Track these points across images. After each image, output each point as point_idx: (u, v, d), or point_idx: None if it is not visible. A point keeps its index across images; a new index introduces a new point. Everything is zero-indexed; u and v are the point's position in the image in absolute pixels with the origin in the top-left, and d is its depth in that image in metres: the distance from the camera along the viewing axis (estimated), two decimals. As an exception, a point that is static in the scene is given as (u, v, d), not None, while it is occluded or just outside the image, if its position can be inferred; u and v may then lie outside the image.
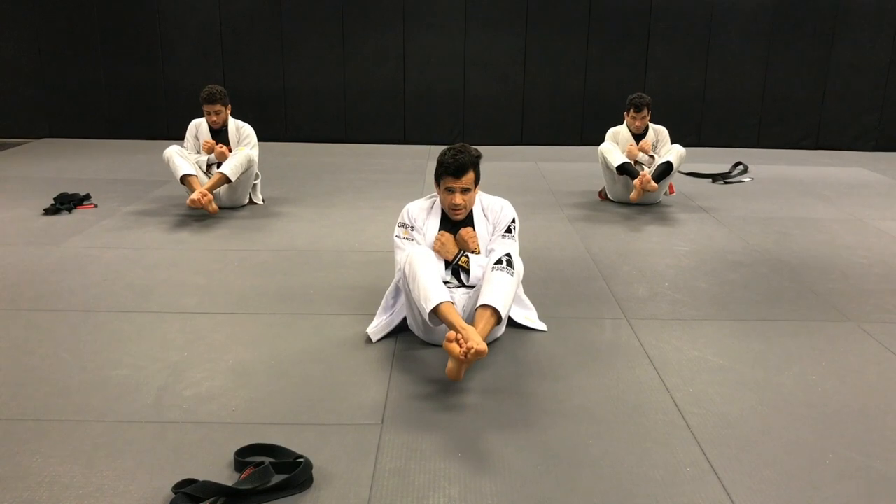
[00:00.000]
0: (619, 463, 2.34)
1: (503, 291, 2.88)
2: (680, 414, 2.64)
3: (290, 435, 2.45)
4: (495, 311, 2.84)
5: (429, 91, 8.80)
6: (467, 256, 3.19)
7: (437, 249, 3.20)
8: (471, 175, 3.14)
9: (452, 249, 3.21)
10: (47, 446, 2.37)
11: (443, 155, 3.15)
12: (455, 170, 3.11)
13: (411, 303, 3.03)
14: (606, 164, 5.67)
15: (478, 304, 2.87)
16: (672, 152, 5.60)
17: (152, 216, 5.25)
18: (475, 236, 3.24)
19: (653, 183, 5.39)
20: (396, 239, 3.27)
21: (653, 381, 2.89)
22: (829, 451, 2.43)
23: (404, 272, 3.01)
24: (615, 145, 5.73)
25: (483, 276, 3.01)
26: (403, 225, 3.29)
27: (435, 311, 2.83)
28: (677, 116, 8.17)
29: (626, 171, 5.56)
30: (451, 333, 2.66)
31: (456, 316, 2.80)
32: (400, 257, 3.20)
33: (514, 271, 2.96)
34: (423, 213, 3.33)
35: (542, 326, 3.36)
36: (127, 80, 8.69)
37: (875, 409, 2.72)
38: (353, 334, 3.27)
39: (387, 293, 3.32)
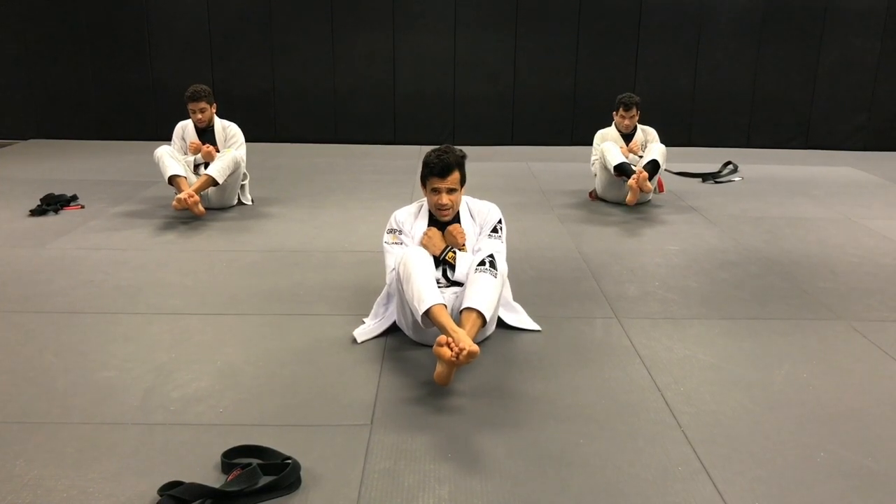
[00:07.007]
0: (610, 462, 2.33)
1: (487, 293, 2.88)
2: (671, 413, 2.63)
3: (278, 436, 2.43)
4: (480, 314, 2.83)
5: (419, 91, 8.78)
6: (454, 252, 3.19)
7: (425, 244, 3.20)
8: (456, 175, 3.15)
9: (440, 244, 3.21)
10: (32, 448, 2.34)
11: (428, 156, 3.17)
12: (440, 170, 3.11)
13: (404, 302, 3.02)
14: (604, 163, 5.63)
15: (462, 307, 2.87)
16: (654, 150, 5.60)
17: (140, 217, 5.21)
18: (463, 232, 3.24)
19: (648, 183, 5.38)
20: (385, 245, 3.28)
21: (644, 381, 2.88)
22: (821, 449, 2.43)
23: (398, 272, 3.01)
24: (614, 144, 5.70)
25: (467, 277, 3.00)
26: (392, 231, 3.31)
27: (427, 314, 2.82)
28: (667, 116, 8.19)
29: (624, 170, 5.53)
30: (442, 338, 2.65)
31: (447, 319, 2.79)
32: (390, 261, 3.21)
33: (498, 272, 2.96)
34: (411, 217, 3.34)
35: (535, 327, 3.35)
36: (115, 80, 8.63)
37: (866, 407, 2.72)
38: (343, 335, 3.24)
39: (378, 300, 3.33)
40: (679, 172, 6.95)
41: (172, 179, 5.15)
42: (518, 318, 3.38)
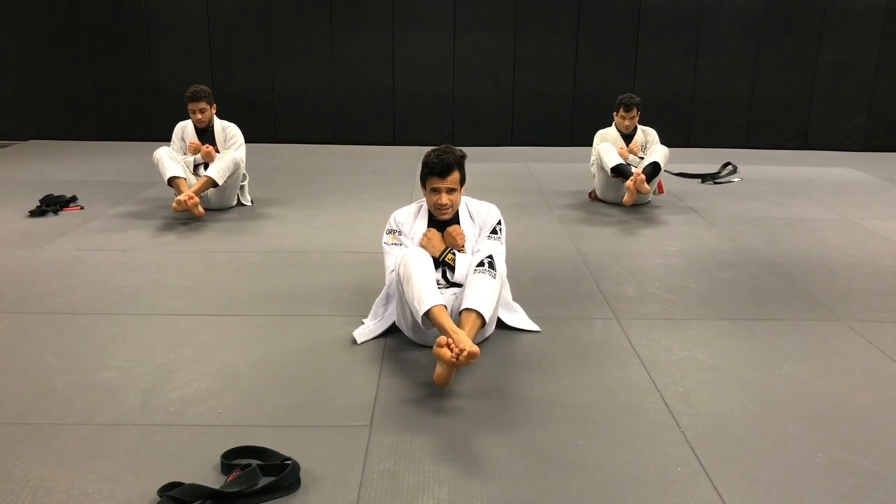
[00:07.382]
0: (610, 463, 2.33)
1: (486, 294, 2.88)
2: (670, 413, 2.63)
3: (277, 437, 2.43)
4: (479, 315, 2.83)
5: (418, 92, 8.78)
6: (454, 253, 3.20)
7: (424, 245, 3.20)
8: (455, 175, 3.15)
9: (439, 245, 3.22)
10: (31, 449, 2.34)
11: (427, 156, 3.17)
12: (440, 170, 3.12)
13: (404, 303, 3.02)
14: (601, 164, 5.64)
15: (461, 308, 2.87)
16: (657, 152, 5.61)
17: (140, 218, 5.21)
18: (463, 234, 3.25)
19: (646, 185, 5.38)
20: (385, 245, 3.28)
21: (643, 381, 2.88)
22: (820, 449, 2.43)
23: (399, 272, 3.01)
24: (612, 146, 5.71)
25: (466, 278, 3.01)
26: (391, 231, 3.31)
27: (427, 314, 2.82)
28: (666, 117, 8.19)
29: (621, 172, 5.54)
30: (442, 338, 2.65)
31: (447, 319, 2.79)
32: (389, 262, 3.21)
33: (497, 273, 2.96)
34: (411, 217, 3.34)
35: (534, 327, 3.35)
36: (114, 81, 8.63)
37: (865, 407, 2.72)
38: (342, 335, 3.24)
39: (377, 300, 3.33)
40: (678, 173, 6.95)
41: (172, 181, 5.15)
42: (517, 318, 3.38)
